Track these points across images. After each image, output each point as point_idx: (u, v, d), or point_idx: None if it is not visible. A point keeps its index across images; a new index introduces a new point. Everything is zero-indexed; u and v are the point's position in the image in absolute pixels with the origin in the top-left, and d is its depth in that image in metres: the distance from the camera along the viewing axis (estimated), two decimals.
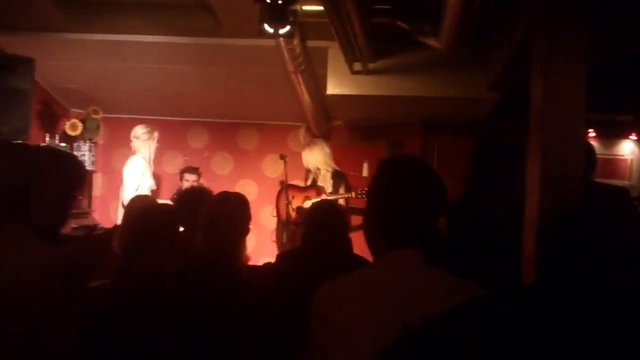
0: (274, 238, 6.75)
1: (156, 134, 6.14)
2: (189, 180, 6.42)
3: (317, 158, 6.31)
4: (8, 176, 1.90)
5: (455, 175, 5.65)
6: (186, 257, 3.05)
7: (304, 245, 3.35)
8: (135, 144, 6.07)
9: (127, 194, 5.72)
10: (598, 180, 3.97)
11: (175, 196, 3.99)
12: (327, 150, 6.41)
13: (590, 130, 5.70)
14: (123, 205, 5.72)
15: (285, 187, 6.02)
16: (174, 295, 2.65)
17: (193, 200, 3.86)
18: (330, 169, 6.29)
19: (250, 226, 3.15)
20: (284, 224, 6.23)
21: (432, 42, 4.23)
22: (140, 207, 3.38)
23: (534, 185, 3.25)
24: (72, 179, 2.36)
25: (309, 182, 6.30)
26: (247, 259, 3.46)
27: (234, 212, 3.03)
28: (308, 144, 6.58)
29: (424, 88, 5.00)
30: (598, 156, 4.03)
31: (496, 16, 4.15)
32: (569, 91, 2.97)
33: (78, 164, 2.51)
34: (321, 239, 3.20)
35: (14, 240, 1.87)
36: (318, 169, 6.33)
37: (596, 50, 3.28)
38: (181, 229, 3.41)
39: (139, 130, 6.09)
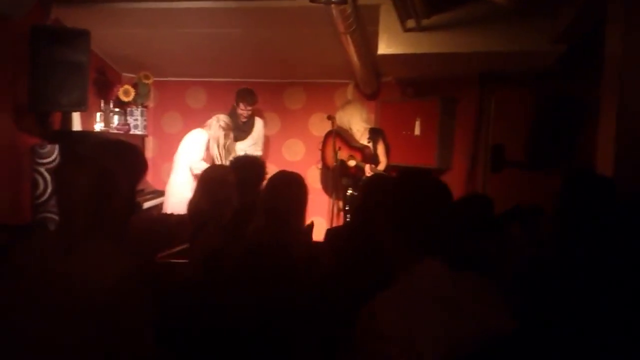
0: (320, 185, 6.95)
1: (231, 133, 6.04)
2: (243, 111, 6.37)
3: (350, 118, 6.33)
4: (87, 188, 1.92)
5: (514, 131, 5.59)
6: (244, 234, 3.09)
7: (353, 222, 3.34)
8: (211, 122, 5.98)
9: (193, 164, 5.74)
10: None
11: (230, 162, 4.00)
12: (363, 109, 6.41)
13: None
14: (192, 173, 5.73)
15: (334, 135, 6.04)
16: (234, 274, 2.69)
17: (248, 171, 3.91)
18: (366, 128, 6.30)
19: None
20: (328, 169, 6.29)
21: None
22: (221, 183, 3.36)
23: (607, 143, 3.17)
24: (139, 175, 2.39)
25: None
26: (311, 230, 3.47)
27: (293, 196, 3.07)
28: (343, 105, 6.59)
29: (483, 43, 4.83)
30: None
31: None
32: None
33: (142, 158, 2.53)
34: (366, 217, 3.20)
35: (92, 250, 1.90)
36: (352, 128, 6.34)
37: None
38: None
39: (222, 116, 6.04)
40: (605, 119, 3.26)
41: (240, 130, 6.45)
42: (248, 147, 6.44)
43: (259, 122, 6.65)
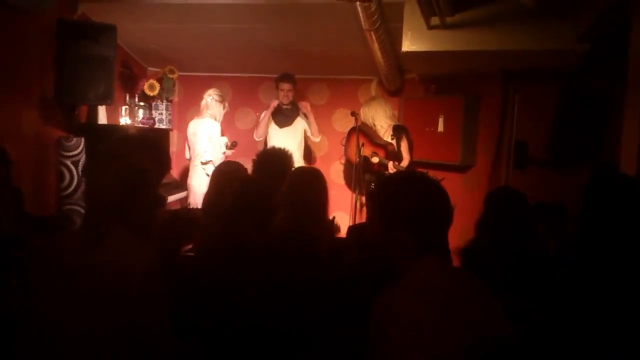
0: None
1: (226, 103, 6.40)
2: (284, 89, 6.47)
3: (375, 114, 6.35)
4: (117, 182, 1.99)
5: (538, 128, 5.56)
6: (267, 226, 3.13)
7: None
8: (207, 102, 6.21)
9: (207, 156, 5.91)
10: None
11: (254, 158, 4.06)
12: (387, 106, 6.41)
13: None
14: (204, 166, 5.89)
15: (358, 131, 6.05)
16: (258, 265, 2.71)
17: (273, 163, 3.95)
18: (390, 124, 6.31)
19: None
20: (351, 165, 6.32)
21: None
22: (231, 177, 3.41)
23: (631, 140, 3.15)
24: (165, 171, 2.44)
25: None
26: (337, 229, 3.51)
27: (313, 190, 3.11)
28: (367, 101, 6.61)
29: (507, 41, 4.79)
30: None
31: None
32: None
33: (167, 154, 2.57)
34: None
35: (121, 241, 1.96)
36: (375, 125, 6.35)
37: None
38: None
39: (213, 92, 6.29)
40: (630, 116, 3.23)
41: (282, 114, 6.57)
42: (296, 136, 6.58)
43: (303, 109, 6.72)
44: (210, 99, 6.25)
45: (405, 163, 6.18)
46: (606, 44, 4.50)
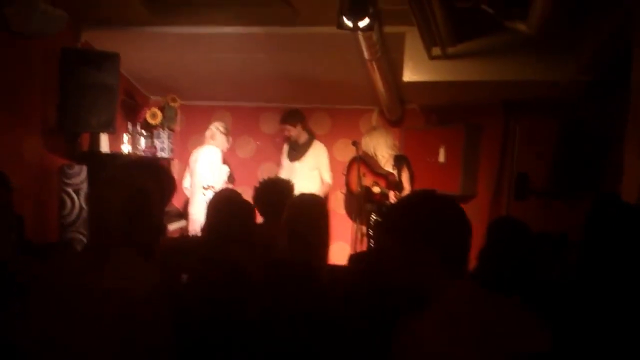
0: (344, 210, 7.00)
1: (230, 137, 6.56)
2: (284, 130, 6.59)
3: (376, 144, 6.36)
4: (121, 204, 1.99)
5: (539, 159, 5.56)
6: (267, 252, 3.12)
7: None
8: (212, 132, 6.27)
9: (208, 182, 5.94)
10: None
11: (256, 186, 4.10)
12: (388, 136, 6.43)
13: None
14: (205, 191, 5.89)
15: (359, 161, 6.05)
16: (257, 290, 2.70)
17: (276, 192, 3.98)
18: (391, 155, 6.32)
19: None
20: (352, 195, 6.32)
21: (519, 26, 4.11)
22: (227, 202, 3.42)
23: (632, 175, 3.15)
24: (169, 196, 2.44)
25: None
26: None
27: (316, 218, 3.09)
28: (368, 131, 6.64)
29: (508, 72, 4.83)
30: None
31: None
32: None
33: (171, 179, 2.57)
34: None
35: (125, 264, 1.96)
36: (377, 154, 6.37)
37: None
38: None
39: (219, 124, 6.46)
40: (631, 147, 3.23)
41: (293, 149, 6.68)
42: (309, 170, 6.61)
43: (320, 147, 6.74)
44: (216, 129, 6.36)
45: (406, 193, 6.18)
46: (607, 75, 4.52)
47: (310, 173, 6.61)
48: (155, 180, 2.21)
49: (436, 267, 1.79)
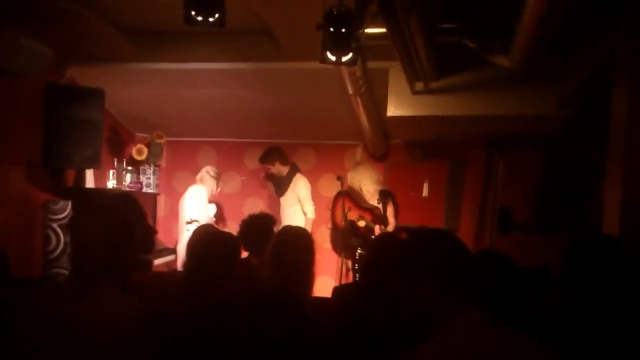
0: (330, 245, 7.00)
1: (221, 182, 6.57)
2: (270, 169, 6.65)
3: (361, 179, 6.39)
4: (103, 238, 2.00)
5: (522, 193, 5.61)
6: (252, 285, 3.11)
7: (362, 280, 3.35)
8: (202, 175, 6.34)
9: (194, 214, 5.94)
10: None
11: (242, 221, 4.13)
12: (373, 171, 6.46)
13: None
14: (189, 226, 5.89)
15: (344, 195, 6.07)
16: (243, 324, 2.68)
17: (258, 226, 4.01)
18: (376, 189, 6.35)
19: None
20: (338, 229, 6.32)
21: (501, 60, 4.16)
22: (204, 238, 3.41)
23: (613, 209, 3.17)
24: (152, 227, 2.45)
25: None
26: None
27: (300, 248, 3.10)
28: (353, 166, 6.69)
29: (490, 106, 4.91)
30: None
31: (574, 33, 4.05)
32: None
33: (145, 214, 2.58)
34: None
35: (107, 293, 1.96)
36: (362, 189, 6.39)
37: None
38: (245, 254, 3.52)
39: (210, 168, 6.48)
40: (612, 181, 3.27)
41: (276, 185, 6.78)
42: (292, 205, 6.63)
43: (299, 181, 6.72)
44: (206, 172, 6.39)
45: (391, 227, 6.18)
46: (589, 110, 4.58)
47: (292, 208, 6.62)
48: (135, 211, 2.22)
49: (437, 299, 1.80)
